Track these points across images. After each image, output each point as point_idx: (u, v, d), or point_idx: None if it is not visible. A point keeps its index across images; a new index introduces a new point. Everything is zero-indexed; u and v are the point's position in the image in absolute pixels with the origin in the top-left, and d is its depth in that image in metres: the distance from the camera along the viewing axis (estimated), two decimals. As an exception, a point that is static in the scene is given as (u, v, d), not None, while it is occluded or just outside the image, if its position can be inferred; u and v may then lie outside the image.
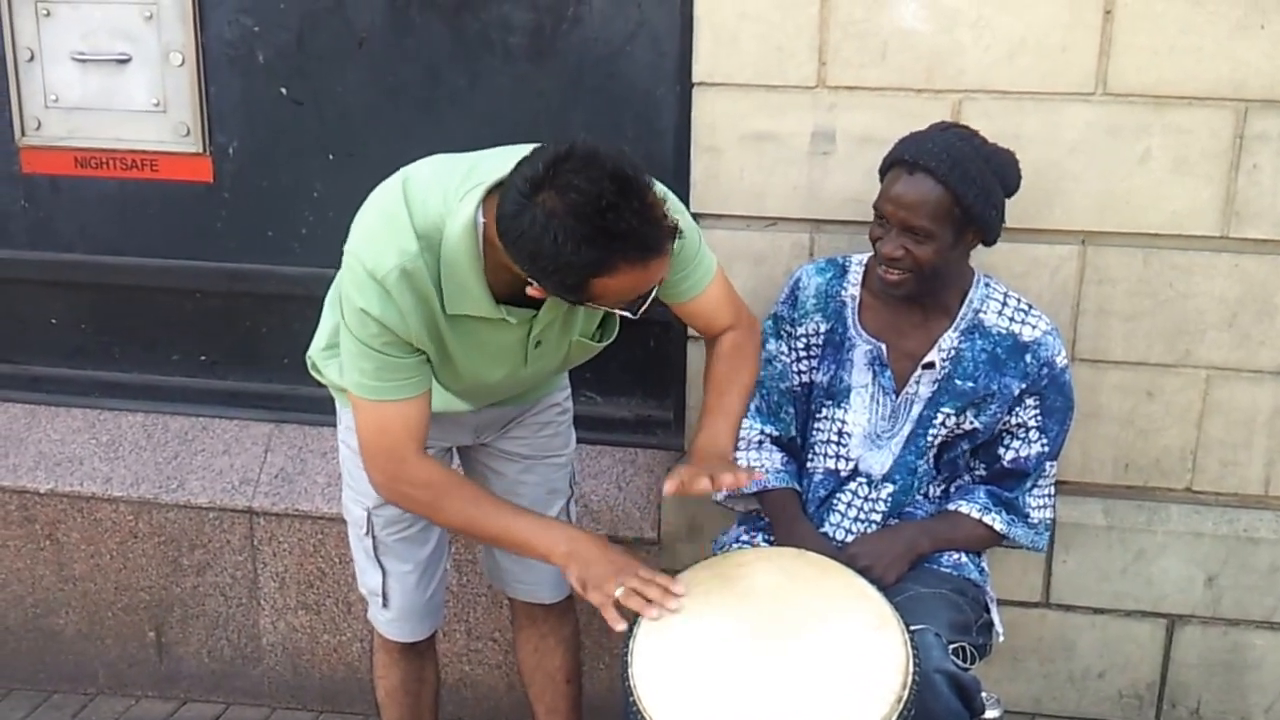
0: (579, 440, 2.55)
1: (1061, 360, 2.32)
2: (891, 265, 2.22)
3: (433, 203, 1.88)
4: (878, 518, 2.37)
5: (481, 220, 1.85)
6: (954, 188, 2.15)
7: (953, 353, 2.31)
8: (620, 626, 1.94)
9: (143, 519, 3.11)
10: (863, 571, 2.14)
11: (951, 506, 2.37)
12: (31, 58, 3.04)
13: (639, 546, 2.91)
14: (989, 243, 2.28)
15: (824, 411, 2.40)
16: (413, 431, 1.99)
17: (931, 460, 2.37)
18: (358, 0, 2.87)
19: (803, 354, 2.41)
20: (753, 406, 2.43)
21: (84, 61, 3.01)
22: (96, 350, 3.29)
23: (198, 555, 3.12)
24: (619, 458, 3.04)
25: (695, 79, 2.62)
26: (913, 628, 1.99)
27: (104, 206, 3.14)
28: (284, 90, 2.96)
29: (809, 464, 2.42)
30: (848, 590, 2.05)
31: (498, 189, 1.82)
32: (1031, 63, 2.49)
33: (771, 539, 2.39)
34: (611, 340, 2.20)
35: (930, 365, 2.31)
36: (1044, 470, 2.38)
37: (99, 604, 3.20)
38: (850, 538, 2.36)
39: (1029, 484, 2.37)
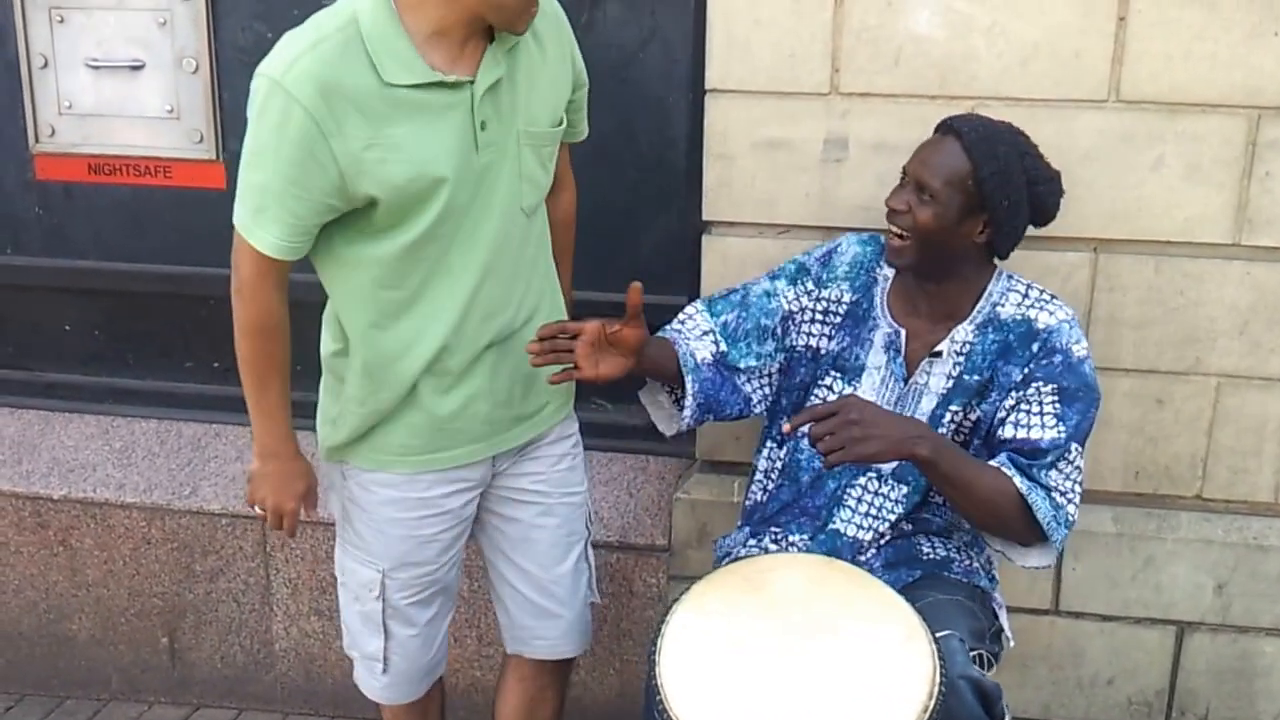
0: (590, 447, 2.54)
1: (1080, 350, 2.24)
2: (892, 219, 2.23)
3: (339, 8, 1.98)
4: (891, 518, 2.34)
5: None
6: (975, 159, 2.16)
7: (965, 347, 2.29)
8: (259, 511, 2.28)
9: (156, 525, 3.12)
10: (843, 426, 2.03)
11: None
12: (45, 64, 3.05)
13: (650, 553, 2.91)
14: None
15: (826, 380, 2.36)
16: (279, 268, 2.15)
17: None
18: (371, 8, 2.88)
19: (820, 318, 2.38)
20: (721, 321, 2.38)
21: (97, 68, 3.03)
22: (110, 357, 3.30)
23: (210, 561, 3.13)
24: (630, 464, 3.04)
25: (708, 85, 2.62)
26: (938, 634, 1.99)
27: (117, 213, 3.15)
28: (297, 97, 2.97)
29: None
30: (875, 598, 2.05)
31: None
32: (1045, 69, 2.50)
33: (776, 545, 2.37)
34: (571, 135, 2.28)
35: (938, 354, 2.29)
36: (1066, 453, 2.22)
37: (112, 610, 3.21)
38: (861, 534, 2.33)
39: (1048, 459, 2.21)
